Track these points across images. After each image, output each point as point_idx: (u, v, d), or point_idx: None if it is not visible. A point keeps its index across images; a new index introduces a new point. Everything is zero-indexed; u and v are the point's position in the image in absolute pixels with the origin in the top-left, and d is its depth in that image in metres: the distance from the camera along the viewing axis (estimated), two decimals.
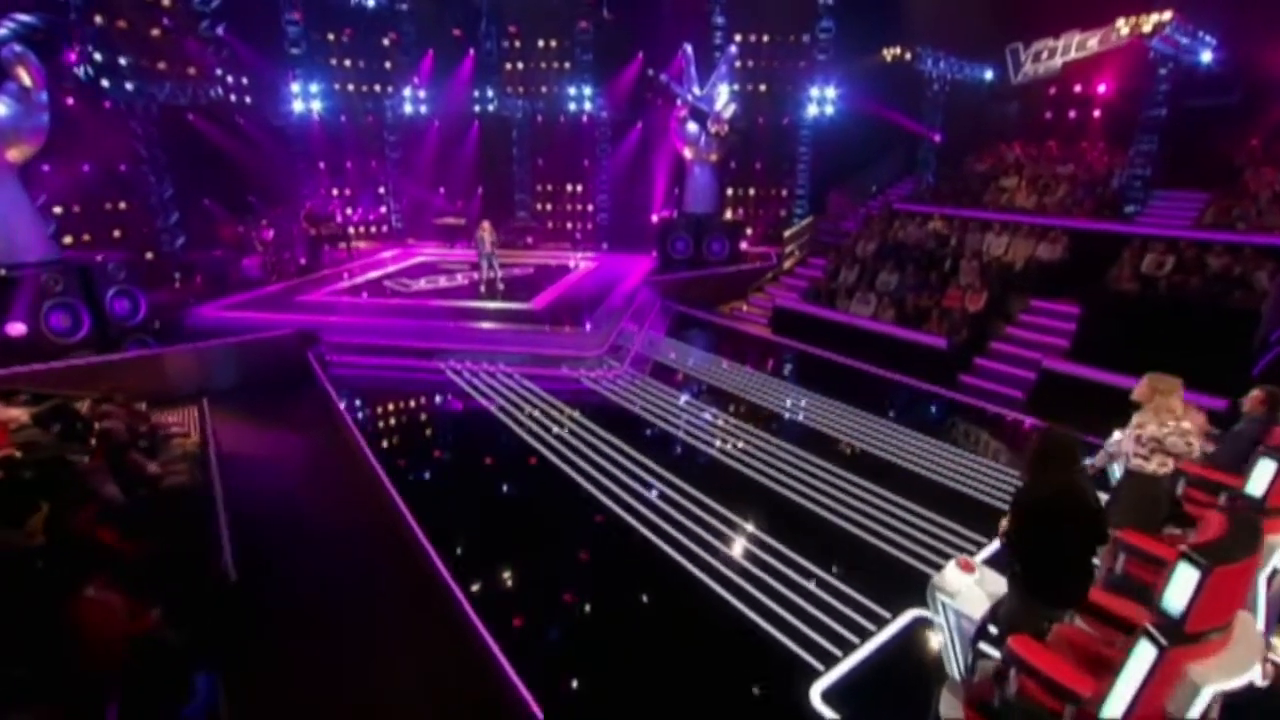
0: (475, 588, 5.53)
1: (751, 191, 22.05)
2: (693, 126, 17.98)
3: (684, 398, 9.95)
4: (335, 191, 21.47)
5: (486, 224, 14.25)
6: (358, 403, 9.53)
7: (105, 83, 13.61)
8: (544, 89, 21.27)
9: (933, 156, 19.82)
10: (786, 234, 17.70)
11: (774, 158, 21.48)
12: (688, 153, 18.37)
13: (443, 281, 15.13)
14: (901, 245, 14.72)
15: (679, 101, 17.81)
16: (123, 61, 14.29)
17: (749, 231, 20.37)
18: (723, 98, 17.61)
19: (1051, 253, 12.75)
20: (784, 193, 21.79)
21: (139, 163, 16.85)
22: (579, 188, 22.93)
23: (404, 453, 8.18)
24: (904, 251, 14.21)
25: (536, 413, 9.19)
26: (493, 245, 14.14)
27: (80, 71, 13.30)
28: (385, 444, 8.34)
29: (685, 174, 18.80)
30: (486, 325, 11.71)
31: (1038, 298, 12.31)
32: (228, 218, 16.33)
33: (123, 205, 16.78)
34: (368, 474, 7.35)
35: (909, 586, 5.57)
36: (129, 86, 15.36)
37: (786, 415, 9.57)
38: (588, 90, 20.43)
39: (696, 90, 17.73)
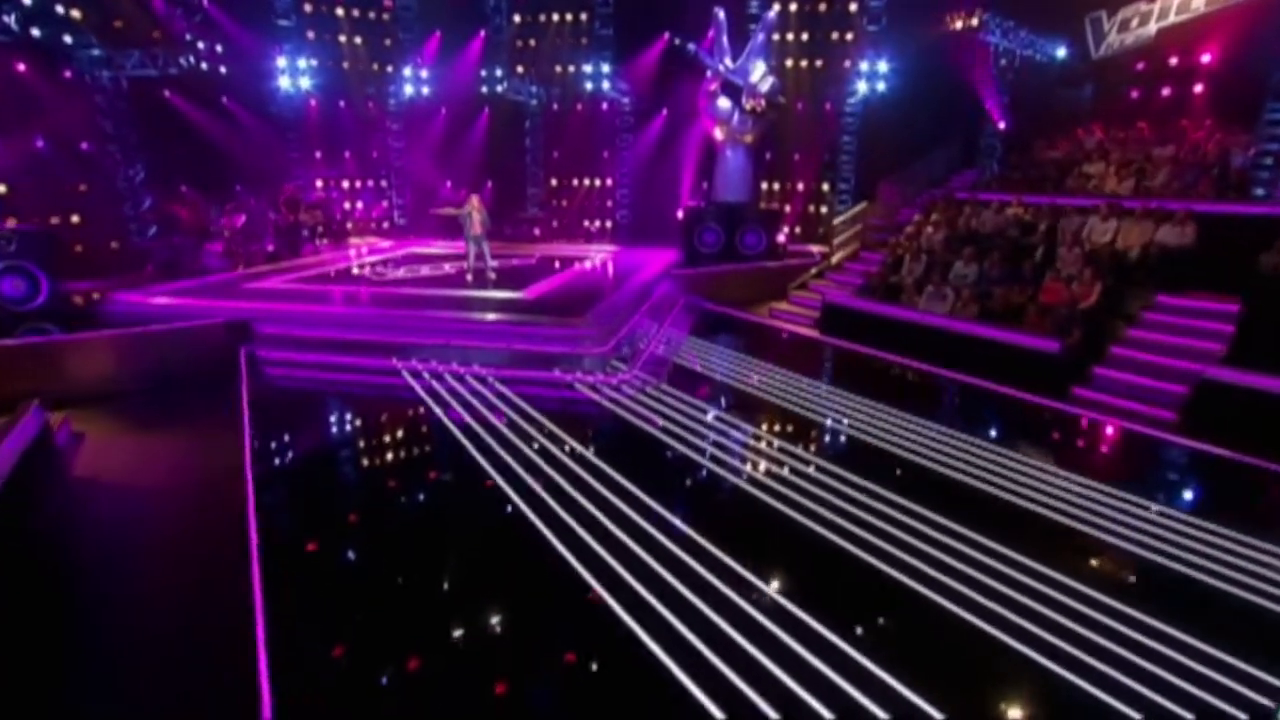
0: None
1: (788, 185, 19.59)
2: (724, 102, 15.69)
3: (711, 412, 7.52)
4: (334, 183, 19.60)
5: (475, 200, 11.94)
6: (274, 414, 7.25)
7: (36, 31, 11.64)
8: (559, 69, 19.18)
9: (998, 144, 17.31)
10: (836, 222, 15.22)
11: (813, 147, 19.04)
12: (718, 133, 16.08)
13: (425, 270, 12.91)
14: (975, 233, 12.20)
15: (709, 74, 15.54)
16: (60, 10, 12.33)
17: (787, 231, 17.92)
18: (759, 70, 15.32)
19: (1180, 237, 10.10)
20: (824, 186, 19.34)
21: (105, 140, 15.10)
22: (597, 182, 20.77)
23: (306, 493, 5.86)
24: (983, 240, 11.68)
25: (509, 432, 6.83)
26: (483, 227, 11.83)
27: (10, 19, 11.37)
28: (286, 479, 6.04)
29: (715, 158, 16.49)
30: (462, 315, 9.37)
31: (1164, 292, 9.68)
32: (195, 200, 14.39)
33: (83, 188, 14.99)
34: (242, 534, 4.99)
35: None
36: (67, 38, 13.46)
37: (854, 436, 7.08)
38: (606, 68, 18.24)
39: (729, 62, 15.46)
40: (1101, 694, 3.51)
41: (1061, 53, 17.16)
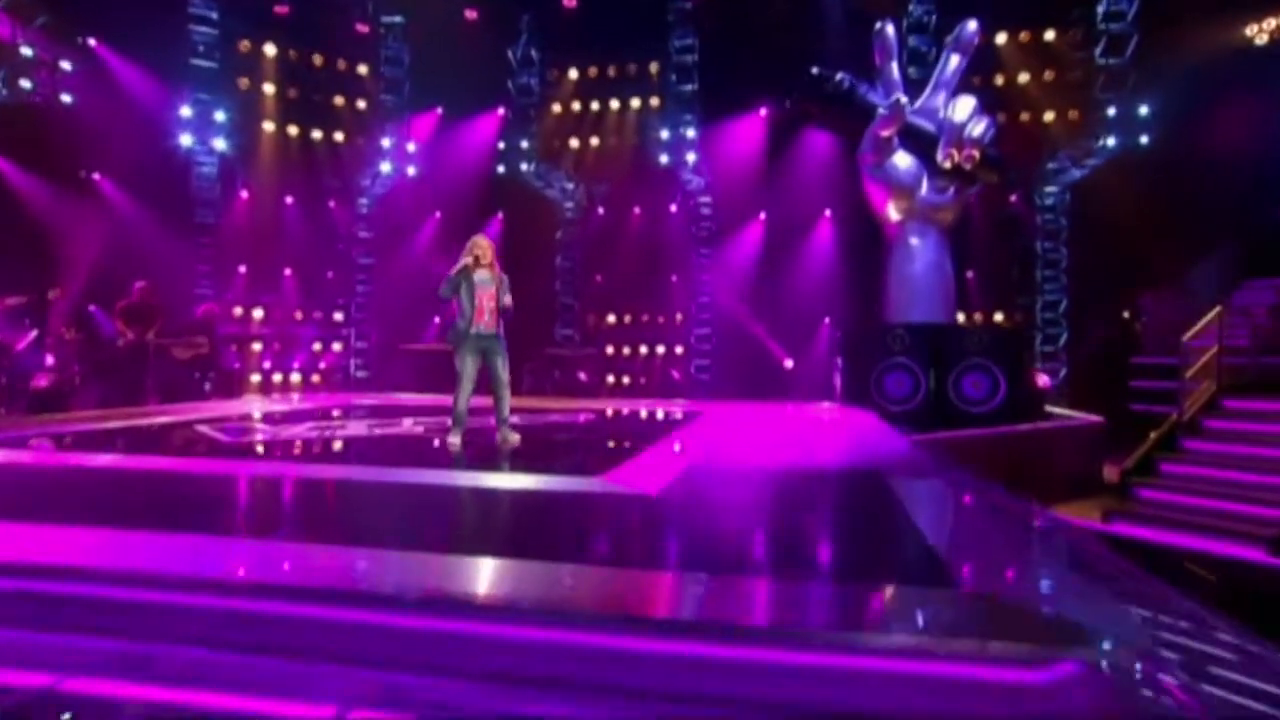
0: None
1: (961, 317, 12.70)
2: (904, 160, 9.24)
3: None
4: (266, 312, 12.90)
5: (485, 242, 5.02)
6: None
7: None
8: (612, 140, 13.12)
9: None
10: (1185, 338, 7.88)
11: (997, 259, 12.53)
12: (893, 212, 9.46)
13: (362, 428, 5.53)
14: None
15: (881, 114, 9.18)
16: None
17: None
18: (966, 105, 9.00)
19: None
20: (1015, 316, 12.61)
21: None
22: (660, 318, 14.06)
23: None
24: None
25: None
26: (494, 315, 4.68)
27: None
28: None
29: (890, 254, 9.70)
30: (426, 561, 1.76)
31: None
32: None
33: None
34: None
35: None
36: None
37: None
38: (691, 133, 12.18)
39: (903, 100, 9.24)
40: None
41: None
